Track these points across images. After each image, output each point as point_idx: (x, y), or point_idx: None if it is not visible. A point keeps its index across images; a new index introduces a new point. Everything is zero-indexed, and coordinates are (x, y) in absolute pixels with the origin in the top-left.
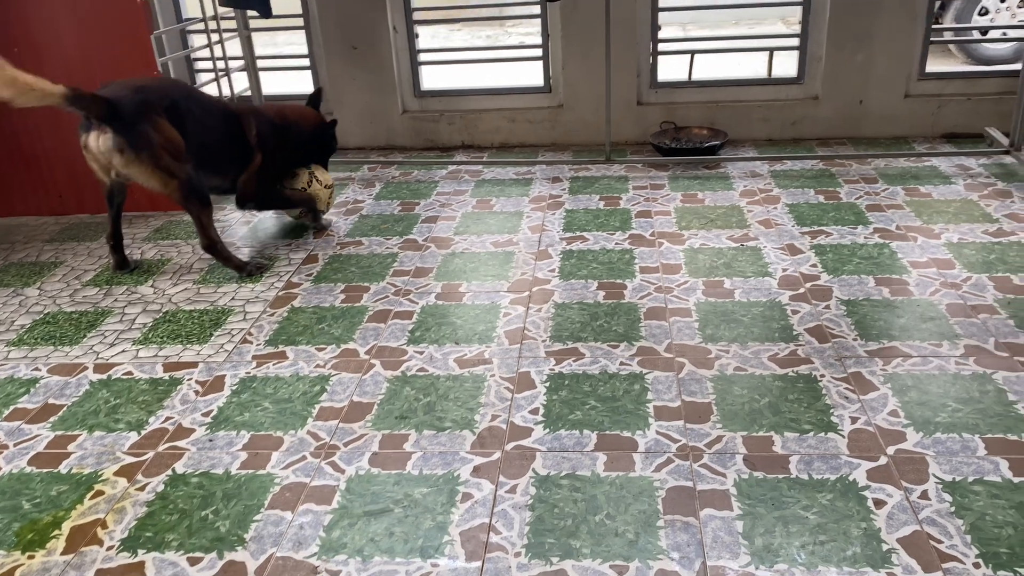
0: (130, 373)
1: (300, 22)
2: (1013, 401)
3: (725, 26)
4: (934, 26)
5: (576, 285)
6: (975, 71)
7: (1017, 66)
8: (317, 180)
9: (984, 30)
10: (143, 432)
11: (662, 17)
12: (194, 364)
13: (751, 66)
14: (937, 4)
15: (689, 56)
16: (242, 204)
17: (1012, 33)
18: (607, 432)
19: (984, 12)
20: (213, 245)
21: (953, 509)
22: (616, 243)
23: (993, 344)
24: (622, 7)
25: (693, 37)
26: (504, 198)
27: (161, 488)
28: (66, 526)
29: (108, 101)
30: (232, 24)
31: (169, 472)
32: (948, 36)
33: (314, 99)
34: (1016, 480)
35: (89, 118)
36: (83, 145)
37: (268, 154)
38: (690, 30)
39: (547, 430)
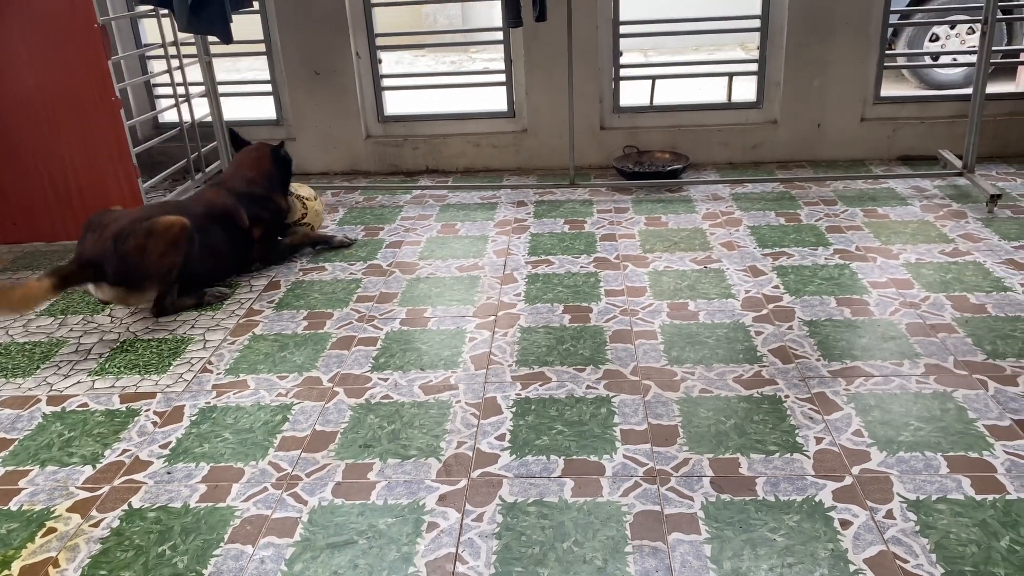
0: (85, 405)
1: (262, 47)
2: (973, 419)
3: (685, 52)
4: (887, 52)
5: (542, 309)
6: (928, 95)
7: (968, 90)
8: (304, 201)
9: (935, 56)
10: (98, 466)
11: (623, 43)
12: (152, 395)
13: (711, 91)
14: (890, 31)
15: (650, 81)
16: (249, 268)
17: (962, 59)
18: (574, 457)
19: (935, 38)
20: (164, 310)
21: (918, 528)
22: (581, 266)
23: (952, 362)
24: (584, 33)
25: (654, 63)
26: (469, 222)
27: (116, 524)
28: (16, 566)
29: (96, 265)
30: (192, 49)
31: (125, 507)
32: (901, 61)
33: (235, 139)
34: (978, 497)
35: None
36: (85, 290)
37: (261, 221)
38: (651, 56)
39: (514, 456)
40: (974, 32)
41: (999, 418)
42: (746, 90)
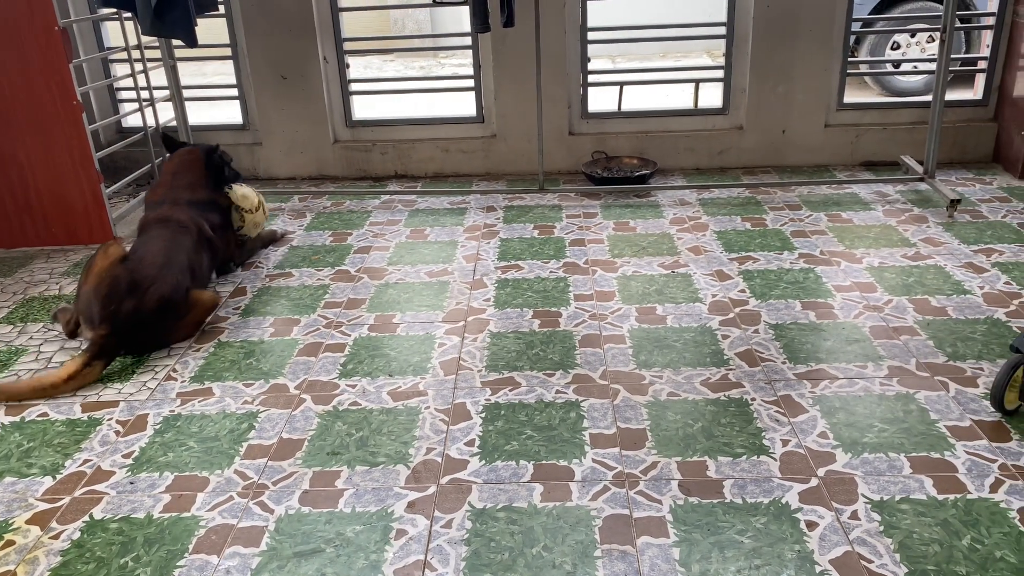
0: (45, 414)
1: (228, 52)
2: (935, 420)
3: (653, 58)
4: (850, 59)
5: (511, 314)
6: (890, 102)
7: (928, 97)
8: (243, 213)
9: (897, 63)
10: (58, 477)
11: (591, 49)
12: (115, 403)
13: (678, 97)
14: (853, 38)
15: (618, 87)
16: (226, 271)
17: (922, 66)
18: (543, 462)
19: (896, 46)
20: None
21: (882, 528)
22: (551, 271)
23: (915, 364)
24: (552, 39)
25: (622, 69)
26: (438, 227)
27: (77, 535)
28: None
29: (134, 335)
30: (157, 53)
31: (86, 518)
32: (864, 68)
33: (168, 142)
34: (940, 497)
35: None
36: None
37: (217, 225)
38: (619, 62)
39: (483, 462)
40: (934, 40)
41: (960, 419)
42: (712, 96)
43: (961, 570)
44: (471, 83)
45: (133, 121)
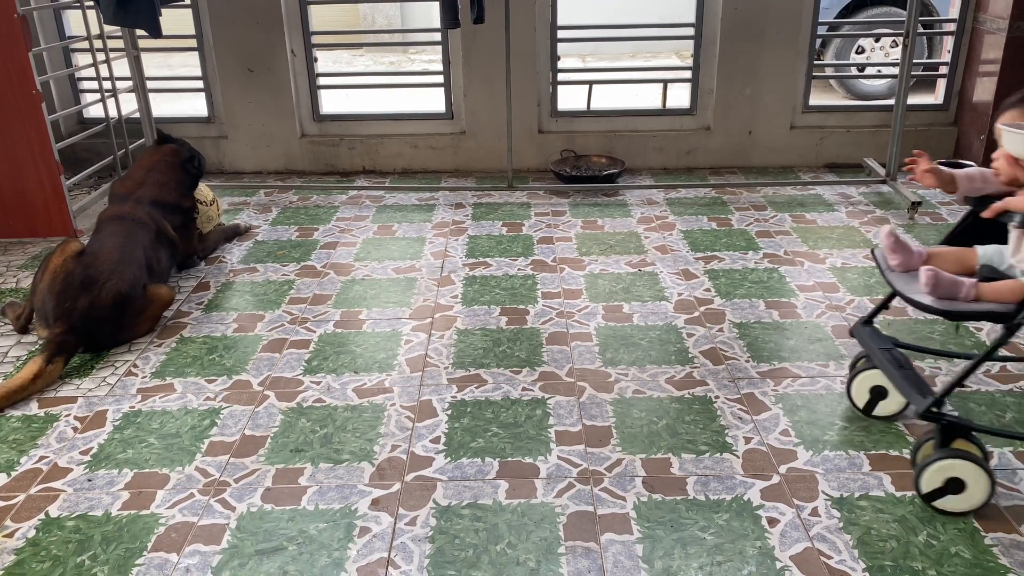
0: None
1: (193, 43)
2: (893, 418)
3: (623, 58)
4: (816, 62)
5: (479, 311)
6: (854, 105)
7: (891, 101)
8: (198, 205)
9: (861, 67)
10: (13, 474)
11: (561, 48)
12: (73, 399)
13: (647, 97)
14: (818, 42)
15: (587, 86)
16: (190, 265)
17: (886, 71)
18: (509, 459)
19: (860, 51)
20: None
21: (841, 525)
22: (519, 269)
23: None
24: (522, 37)
25: (592, 68)
26: (406, 224)
27: (32, 534)
28: None
29: (90, 332)
30: (120, 43)
31: (42, 516)
32: (829, 72)
33: (161, 136)
34: (898, 494)
35: None
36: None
37: (181, 225)
38: (589, 61)
39: (448, 459)
40: (897, 45)
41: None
42: (680, 97)
43: (917, 565)
44: (441, 79)
45: (95, 112)
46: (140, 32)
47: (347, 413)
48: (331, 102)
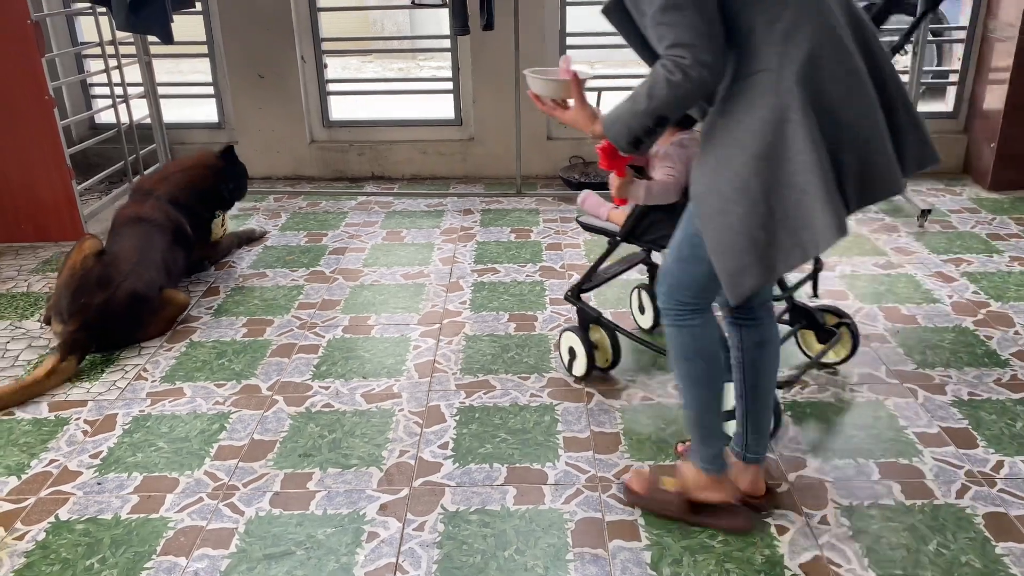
0: (11, 413)
1: (204, 49)
2: (903, 426)
3: (631, 65)
4: None
5: (487, 317)
6: None
7: None
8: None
9: None
10: (23, 477)
11: (570, 55)
12: (83, 403)
13: None
14: None
15: (596, 93)
16: (200, 269)
17: None
18: (517, 465)
19: None
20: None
21: (851, 533)
22: (527, 275)
23: (884, 372)
24: (531, 43)
25: (601, 75)
26: (415, 230)
27: (42, 536)
28: None
29: (104, 331)
30: (132, 49)
31: (52, 519)
32: None
33: (228, 153)
34: (908, 503)
35: None
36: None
37: (198, 228)
38: (598, 68)
39: (456, 464)
40: (906, 53)
41: (928, 425)
42: None
43: (927, 574)
44: (449, 86)
45: (107, 117)
46: (152, 38)
47: (355, 418)
48: (341, 108)
